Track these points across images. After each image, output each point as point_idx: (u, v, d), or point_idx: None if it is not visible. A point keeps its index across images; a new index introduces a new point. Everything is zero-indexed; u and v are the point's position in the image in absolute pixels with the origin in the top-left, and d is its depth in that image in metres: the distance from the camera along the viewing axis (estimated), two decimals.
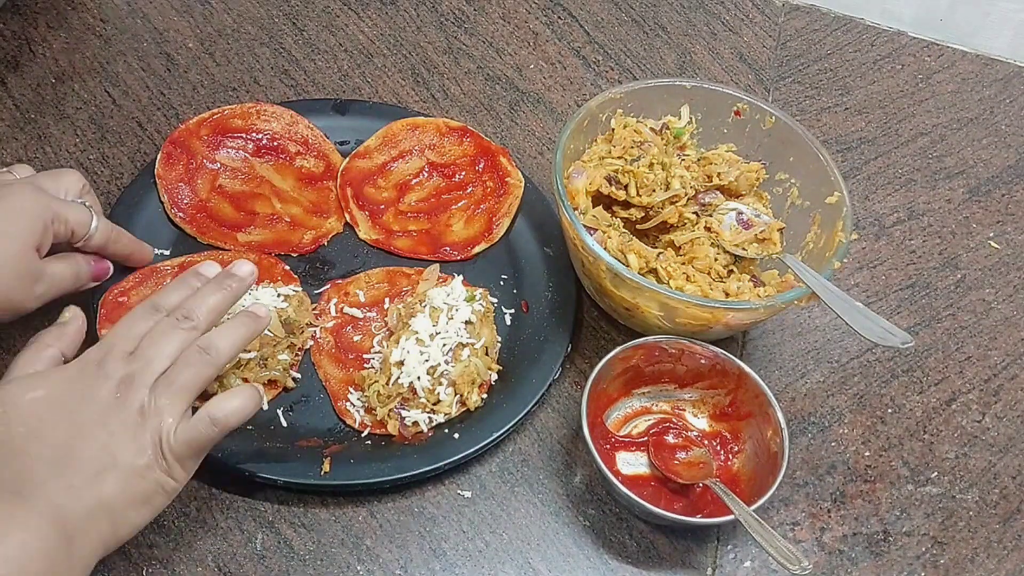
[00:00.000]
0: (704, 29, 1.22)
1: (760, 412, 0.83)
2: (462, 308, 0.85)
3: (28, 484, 0.63)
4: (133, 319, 0.71)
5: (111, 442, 0.65)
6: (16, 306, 0.75)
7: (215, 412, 0.68)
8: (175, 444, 0.67)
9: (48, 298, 0.77)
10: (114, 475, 0.65)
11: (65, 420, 0.65)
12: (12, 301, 0.75)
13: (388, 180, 0.99)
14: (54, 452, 0.64)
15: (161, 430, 0.67)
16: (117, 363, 0.68)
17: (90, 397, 0.66)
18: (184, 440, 0.67)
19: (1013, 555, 0.84)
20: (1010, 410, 0.93)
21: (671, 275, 0.87)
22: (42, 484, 0.63)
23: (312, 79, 1.08)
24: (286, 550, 0.76)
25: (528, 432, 0.85)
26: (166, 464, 0.67)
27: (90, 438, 0.65)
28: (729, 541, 0.82)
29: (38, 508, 0.62)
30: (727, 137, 0.98)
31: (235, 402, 0.70)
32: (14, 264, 0.74)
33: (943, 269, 1.03)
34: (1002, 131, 1.17)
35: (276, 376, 0.82)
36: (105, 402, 0.66)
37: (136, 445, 0.66)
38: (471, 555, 0.78)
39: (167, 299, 0.73)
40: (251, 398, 0.71)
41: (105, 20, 1.10)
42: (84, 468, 0.64)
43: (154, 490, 0.67)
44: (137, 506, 0.66)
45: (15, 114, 0.99)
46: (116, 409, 0.66)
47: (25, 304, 0.76)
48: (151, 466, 0.66)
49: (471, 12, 1.19)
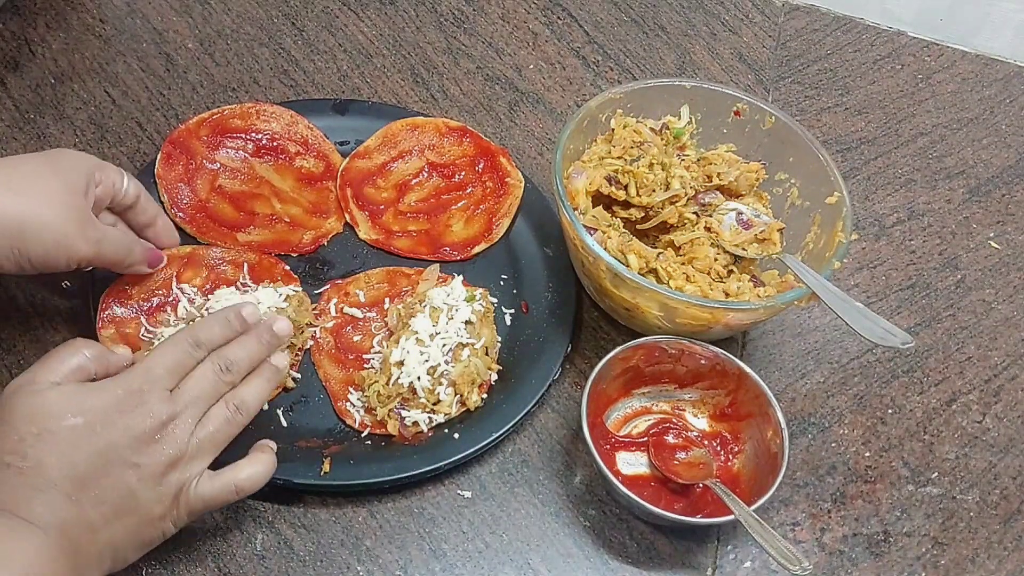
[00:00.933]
0: (704, 29, 1.22)
1: (760, 412, 0.83)
2: (462, 308, 0.85)
3: (48, 512, 0.63)
4: (175, 349, 0.71)
5: (137, 488, 0.66)
6: (70, 244, 0.74)
7: (242, 482, 0.71)
8: (192, 498, 0.69)
9: (102, 256, 0.77)
10: (130, 520, 0.66)
11: (97, 452, 0.65)
12: (68, 236, 0.74)
13: (388, 180, 0.99)
14: (80, 487, 0.64)
15: (184, 481, 0.68)
16: (159, 400, 0.68)
17: (128, 431, 0.66)
18: (203, 498, 0.69)
19: (1013, 556, 0.84)
20: (1010, 410, 0.93)
21: (671, 275, 0.87)
22: (61, 515, 0.63)
23: (312, 79, 1.08)
24: (286, 550, 0.76)
25: (528, 432, 0.85)
26: (176, 514, 0.69)
27: (117, 477, 0.65)
28: (729, 541, 0.82)
29: (55, 540, 0.62)
30: (727, 137, 0.98)
31: (259, 469, 0.72)
32: (67, 199, 0.74)
33: (943, 269, 1.03)
34: (1002, 131, 1.17)
35: None
36: (141, 440, 0.67)
37: (157, 493, 0.67)
38: (471, 556, 0.78)
39: (207, 335, 0.73)
40: (271, 465, 0.73)
41: (105, 20, 1.10)
42: (105, 507, 0.65)
43: (157, 536, 0.69)
44: (138, 549, 0.68)
45: (15, 114, 0.99)
46: (149, 451, 0.67)
47: (78, 245, 0.75)
48: (164, 516, 0.68)
49: (471, 12, 1.19)
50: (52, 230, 0.73)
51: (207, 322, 0.74)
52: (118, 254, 0.80)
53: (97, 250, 0.76)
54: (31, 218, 0.72)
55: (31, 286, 0.87)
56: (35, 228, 0.72)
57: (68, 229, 0.74)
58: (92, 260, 0.77)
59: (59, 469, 0.64)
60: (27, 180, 0.74)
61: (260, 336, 0.75)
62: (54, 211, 0.74)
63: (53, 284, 0.87)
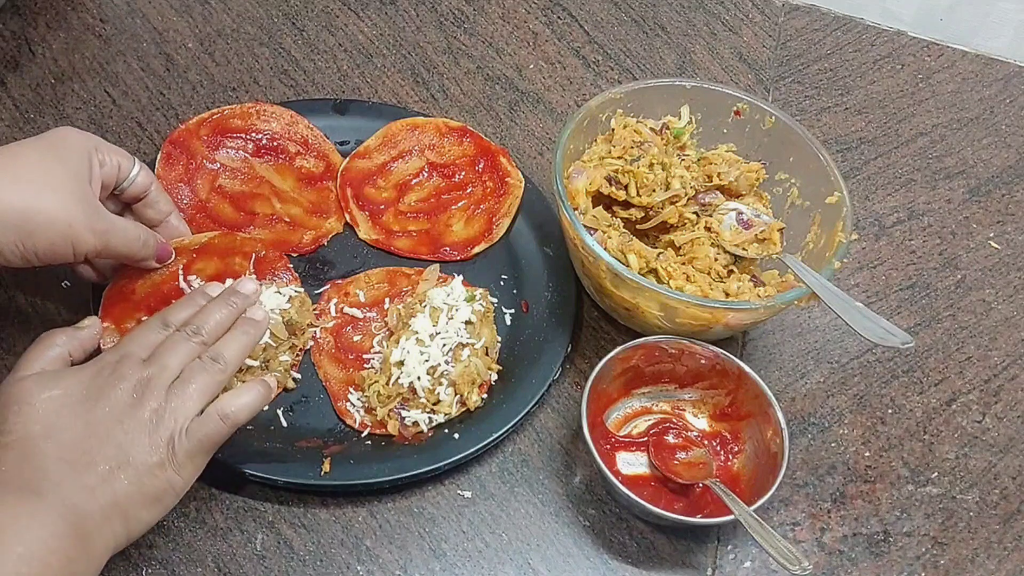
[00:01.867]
0: (704, 29, 1.22)
1: (760, 412, 0.83)
2: (462, 308, 0.85)
3: (44, 483, 0.63)
4: (145, 331, 0.73)
5: (125, 441, 0.66)
6: (76, 235, 0.73)
7: (224, 408, 0.70)
8: (186, 441, 0.68)
9: (110, 247, 0.76)
10: (128, 473, 0.65)
11: (80, 419, 0.66)
12: (73, 227, 0.72)
13: (388, 180, 0.99)
14: (69, 451, 0.64)
15: (174, 429, 0.68)
16: (133, 367, 0.69)
17: (106, 397, 0.67)
18: (195, 437, 0.68)
19: (1013, 556, 0.84)
20: (1010, 410, 0.93)
21: (671, 275, 0.87)
22: (58, 483, 0.63)
23: (312, 79, 1.08)
24: (286, 550, 0.76)
25: (528, 432, 0.85)
26: (176, 463, 0.68)
27: (105, 437, 0.66)
28: (729, 541, 0.82)
29: (55, 507, 0.62)
30: (727, 137, 0.98)
31: (244, 398, 0.72)
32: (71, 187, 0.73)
33: (943, 269, 1.03)
34: (1002, 131, 1.17)
35: (277, 377, 0.82)
36: (121, 403, 0.67)
37: (150, 443, 0.67)
38: (471, 555, 0.78)
39: (176, 315, 0.75)
40: (260, 393, 0.73)
41: (105, 20, 1.10)
42: (99, 467, 0.65)
43: (165, 489, 0.68)
44: (148, 505, 0.67)
45: (15, 114, 0.99)
46: (132, 409, 0.67)
47: (84, 237, 0.73)
48: (163, 464, 0.67)
49: (471, 12, 1.19)
50: (57, 221, 0.72)
51: (176, 304, 0.76)
52: (127, 246, 0.78)
53: (104, 241, 0.75)
54: (35, 210, 0.71)
55: (31, 286, 0.87)
56: (39, 220, 0.71)
57: (73, 219, 0.72)
58: (100, 251, 0.76)
59: (44, 437, 0.64)
60: (29, 168, 0.72)
61: (226, 299, 0.76)
62: (59, 201, 0.72)
63: (53, 284, 0.87)
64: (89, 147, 0.77)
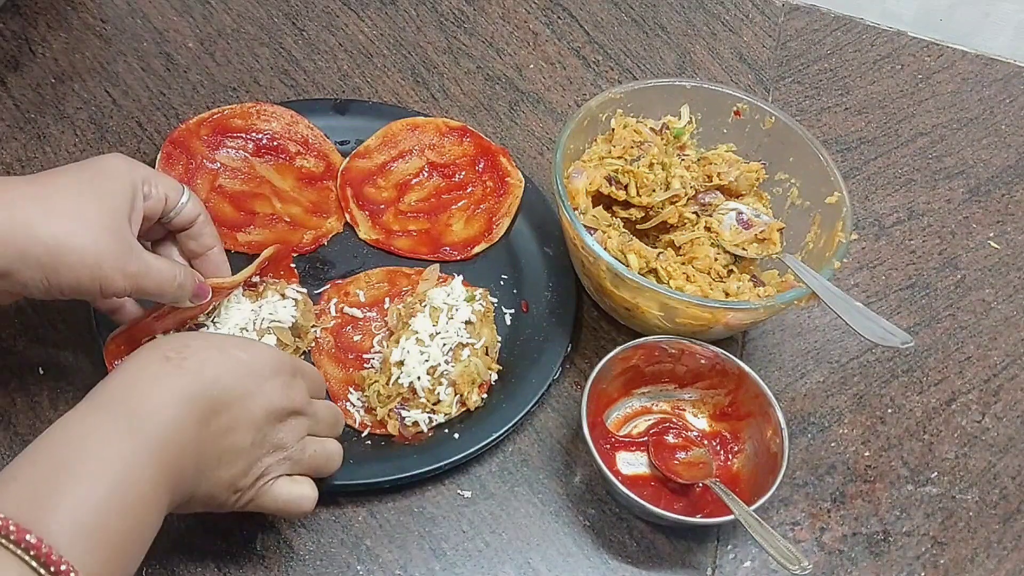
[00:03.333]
0: (704, 29, 1.22)
1: (760, 412, 0.83)
2: (462, 308, 0.85)
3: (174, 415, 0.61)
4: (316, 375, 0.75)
5: (244, 448, 0.66)
6: (105, 276, 0.68)
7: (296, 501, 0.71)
8: (264, 491, 0.68)
9: (141, 288, 0.71)
10: (222, 473, 0.65)
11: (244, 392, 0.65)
12: (102, 267, 0.68)
13: (388, 180, 0.99)
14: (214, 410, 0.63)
15: (270, 472, 0.68)
16: (302, 393, 0.70)
17: (270, 398, 0.67)
18: (272, 495, 0.69)
19: (1013, 555, 0.84)
20: (1010, 410, 0.93)
21: (671, 275, 0.87)
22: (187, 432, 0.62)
23: (312, 79, 1.08)
24: (286, 550, 0.76)
25: (528, 432, 0.85)
26: (247, 497, 0.68)
27: (239, 426, 0.65)
28: (729, 541, 0.82)
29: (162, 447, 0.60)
30: (727, 137, 0.98)
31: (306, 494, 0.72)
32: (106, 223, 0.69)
33: (943, 269, 1.03)
34: (1002, 131, 1.17)
35: None
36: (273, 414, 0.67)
37: (250, 466, 0.67)
38: (471, 555, 0.78)
39: None
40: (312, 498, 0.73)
41: (105, 20, 1.10)
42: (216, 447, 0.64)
43: (225, 503, 0.67)
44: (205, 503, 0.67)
45: (15, 114, 0.99)
46: (270, 428, 0.67)
47: (113, 278, 0.69)
48: (241, 491, 0.67)
49: (471, 12, 1.19)
50: (86, 261, 0.67)
51: None
52: (160, 287, 0.73)
53: (136, 284, 0.71)
54: (66, 248, 0.66)
55: None
56: (68, 260, 0.67)
57: (104, 260, 0.68)
58: (130, 293, 0.72)
59: (211, 384, 0.63)
60: (65, 201, 0.68)
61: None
62: (91, 239, 0.67)
63: None
64: (135, 179, 0.72)
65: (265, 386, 0.67)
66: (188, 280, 0.76)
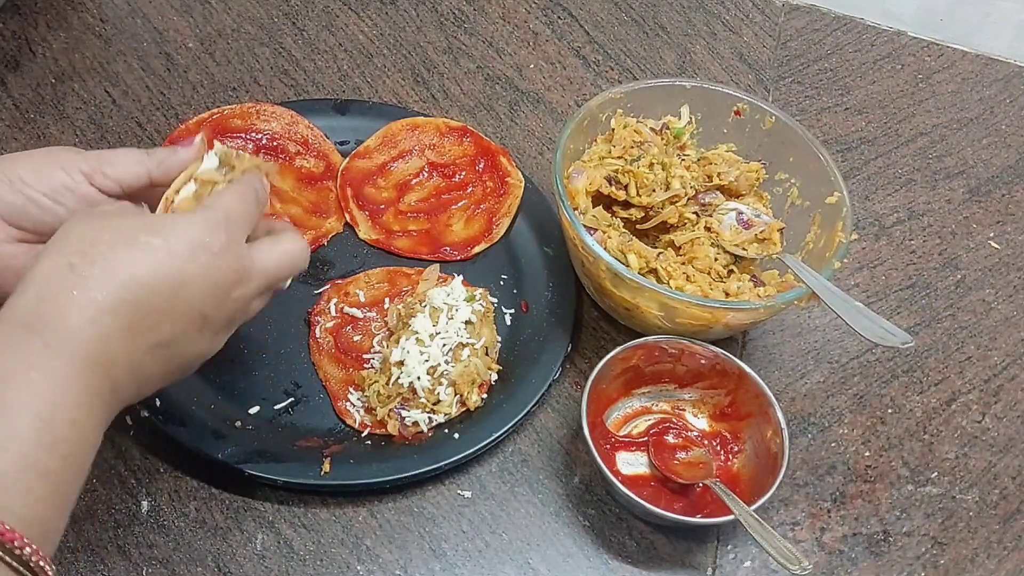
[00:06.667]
0: (704, 29, 1.22)
1: (760, 412, 0.83)
2: (462, 308, 0.85)
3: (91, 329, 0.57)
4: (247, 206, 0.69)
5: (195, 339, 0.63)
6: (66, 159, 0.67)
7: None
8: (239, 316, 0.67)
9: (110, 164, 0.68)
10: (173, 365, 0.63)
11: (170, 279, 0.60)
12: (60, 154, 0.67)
13: (388, 180, 0.99)
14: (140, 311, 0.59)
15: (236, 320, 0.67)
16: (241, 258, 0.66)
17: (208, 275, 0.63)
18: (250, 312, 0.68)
19: (1013, 555, 0.84)
20: (1010, 410, 0.93)
21: (671, 275, 0.87)
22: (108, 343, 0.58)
23: (312, 79, 1.08)
24: (286, 550, 0.76)
25: (528, 432, 0.85)
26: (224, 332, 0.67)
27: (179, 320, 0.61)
28: (729, 541, 0.82)
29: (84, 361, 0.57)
30: (727, 137, 0.98)
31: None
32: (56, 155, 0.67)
33: (943, 269, 1.03)
34: (1002, 131, 1.17)
35: None
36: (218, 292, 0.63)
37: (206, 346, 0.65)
38: (471, 555, 0.78)
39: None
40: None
41: (105, 20, 1.10)
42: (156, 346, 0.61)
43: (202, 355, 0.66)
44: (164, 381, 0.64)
45: (15, 114, 0.99)
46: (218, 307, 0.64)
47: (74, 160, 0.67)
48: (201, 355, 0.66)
49: (471, 12, 1.19)
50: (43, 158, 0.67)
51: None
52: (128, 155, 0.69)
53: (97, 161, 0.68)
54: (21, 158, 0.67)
55: None
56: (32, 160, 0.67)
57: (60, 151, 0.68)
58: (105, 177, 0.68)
59: (126, 286, 0.58)
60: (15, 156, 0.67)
61: None
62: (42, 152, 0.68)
63: None
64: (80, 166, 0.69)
65: (190, 267, 0.61)
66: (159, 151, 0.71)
